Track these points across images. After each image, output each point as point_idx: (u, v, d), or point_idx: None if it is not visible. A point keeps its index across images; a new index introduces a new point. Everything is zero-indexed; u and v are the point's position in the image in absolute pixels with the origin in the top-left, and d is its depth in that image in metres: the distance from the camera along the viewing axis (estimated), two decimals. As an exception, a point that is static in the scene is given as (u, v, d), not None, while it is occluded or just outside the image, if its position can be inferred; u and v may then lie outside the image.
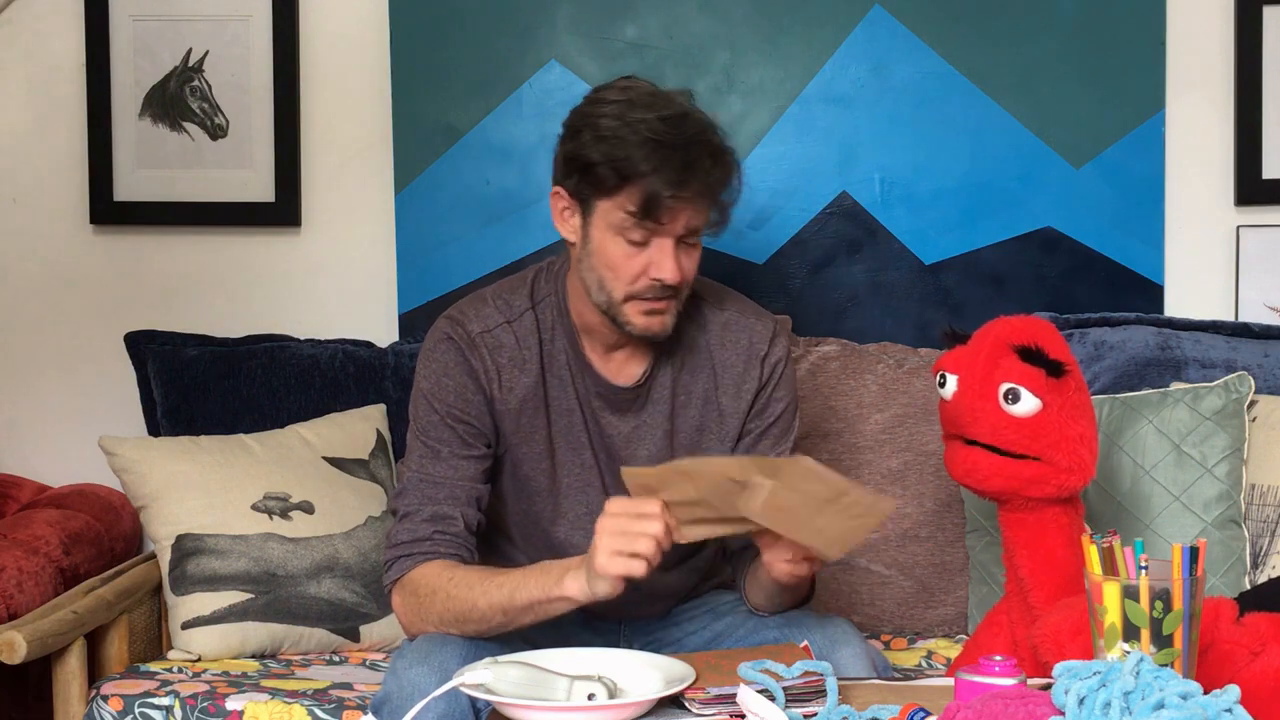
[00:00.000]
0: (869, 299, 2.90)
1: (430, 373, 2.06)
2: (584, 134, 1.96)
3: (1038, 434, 1.97)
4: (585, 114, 1.98)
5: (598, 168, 1.93)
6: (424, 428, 2.05)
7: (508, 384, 2.05)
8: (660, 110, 1.94)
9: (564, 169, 2.00)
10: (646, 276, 1.96)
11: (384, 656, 2.56)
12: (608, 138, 1.92)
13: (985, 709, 1.43)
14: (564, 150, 2.00)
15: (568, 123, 2.01)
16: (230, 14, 2.92)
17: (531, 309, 2.08)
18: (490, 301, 2.10)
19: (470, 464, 2.04)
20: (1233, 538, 2.49)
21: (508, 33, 2.90)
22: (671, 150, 1.90)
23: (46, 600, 2.42)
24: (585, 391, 2.08)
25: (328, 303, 2.97)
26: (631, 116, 1.93)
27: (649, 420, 2.09)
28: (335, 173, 2.96)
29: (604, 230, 1.96)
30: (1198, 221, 2.89)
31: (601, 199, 1.95)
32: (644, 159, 1.90)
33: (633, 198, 1.92)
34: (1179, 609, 1.55)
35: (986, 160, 2.87)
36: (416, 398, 2.07)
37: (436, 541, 1.99)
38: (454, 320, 2.08)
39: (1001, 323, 2.03)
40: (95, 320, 2.98)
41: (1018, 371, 1.96)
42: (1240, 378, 2.57)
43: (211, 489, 2.54)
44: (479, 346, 2.05)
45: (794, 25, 2.88)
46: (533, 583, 1.88)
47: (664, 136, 1.91)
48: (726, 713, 1.63)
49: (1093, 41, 2.85)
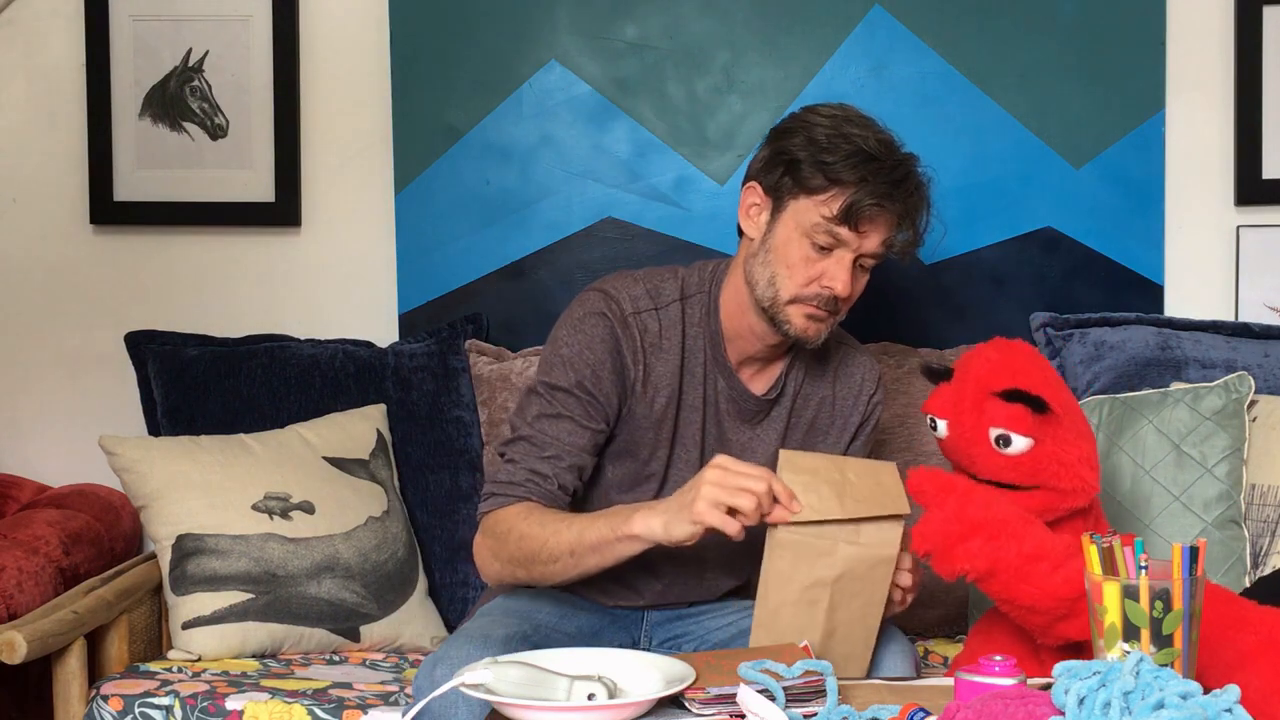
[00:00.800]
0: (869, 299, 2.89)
1: (575, 341, 2.09)
2: (798, 136, 2.03)
3: (1036, 469, 1.96)
4: (801, 119, 2.06)
5: (804, 166, 2.01)
6: (552, 388, 2.09)
7: (650, 367, 2.10)
8: (875, 132, 2.03)
9: (767, 165, 2.07)
10: (818, 284, 2.03)
11: (384, 656, 2.57)
12: (820, 142, 2.01)
13: (985, 709, 1.43)
14: (771, 148, 2.07)
15: (780, 126, 2.09)
16: (230, 14, 2.93)
17: (679, 301, 2.14)
18: (640, 283, 2.14)
19: (585, 435, 2.09)
20: (1233, 538, 2.49)
21: (508, 33, 2.90)
22: (881, 165, 2.00)
23: (46, 600, 2.42)
24: (714, 394, 2.14)
25: (328, 303, 2.97)
26: (847, 129, 2.02)
27: (762, 436, 2.17)
28: (335, 173, 2.96)
29: (791, 229, 2.03)
30: (1198, 221, 2.89)
31: (800, 197, 2.02)
32: (854, 167, 1.99)
33: (835, 202, 1.99)
34: (1179, 609, 1.55)
35: (986, 160, 2.87)
36: (553, 359, 2.10)
37: (529, 489, 2.06)
38: (610, 296, 2.12)
39: (978, 358, 2.00)
40: (95, 320, 2.98)
41: (1004, 415, 1.95)
42: (1240, 378, 2.57)
43: (212, 489, 2.54)
44: (630, 325, 2.10)
45: (794, 25, 2.89)
46: (601, 522, 1.94)
47: (877, 152, 2.01)
48: (726, 713, 1.63)
49: (1093, 41, 2.85)
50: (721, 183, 2.89)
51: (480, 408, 2.78)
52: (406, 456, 2.76)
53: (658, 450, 2.13)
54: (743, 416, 2.16)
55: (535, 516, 2.01)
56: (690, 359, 2.13)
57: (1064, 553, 1.84)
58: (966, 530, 1.85)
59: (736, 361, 2.15)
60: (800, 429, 2.19)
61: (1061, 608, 1.84)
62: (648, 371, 2.10)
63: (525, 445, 2.08)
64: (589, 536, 1.94)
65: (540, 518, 2.01)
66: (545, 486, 2.06)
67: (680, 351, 2.12)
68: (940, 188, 2.85)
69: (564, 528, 1.97)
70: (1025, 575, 1.84)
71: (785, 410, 2.18)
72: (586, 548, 1.94)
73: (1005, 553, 1.84)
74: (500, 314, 2.91)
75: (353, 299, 2.97)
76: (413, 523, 2.71)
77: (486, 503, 2.09)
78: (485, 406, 2.77)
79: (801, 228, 2.02)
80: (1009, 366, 1.98)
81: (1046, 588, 1.84)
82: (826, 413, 2.21)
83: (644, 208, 2.91)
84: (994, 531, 1.85)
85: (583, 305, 2.13)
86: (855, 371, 2.24)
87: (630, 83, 2.90)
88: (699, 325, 2.13)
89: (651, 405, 2.11)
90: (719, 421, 2.15)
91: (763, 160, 2.09)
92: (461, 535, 2.71)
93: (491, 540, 2.06)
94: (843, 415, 2.22)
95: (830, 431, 2.21)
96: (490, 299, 2.91)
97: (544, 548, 1.98)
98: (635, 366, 2.09)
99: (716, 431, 2.15)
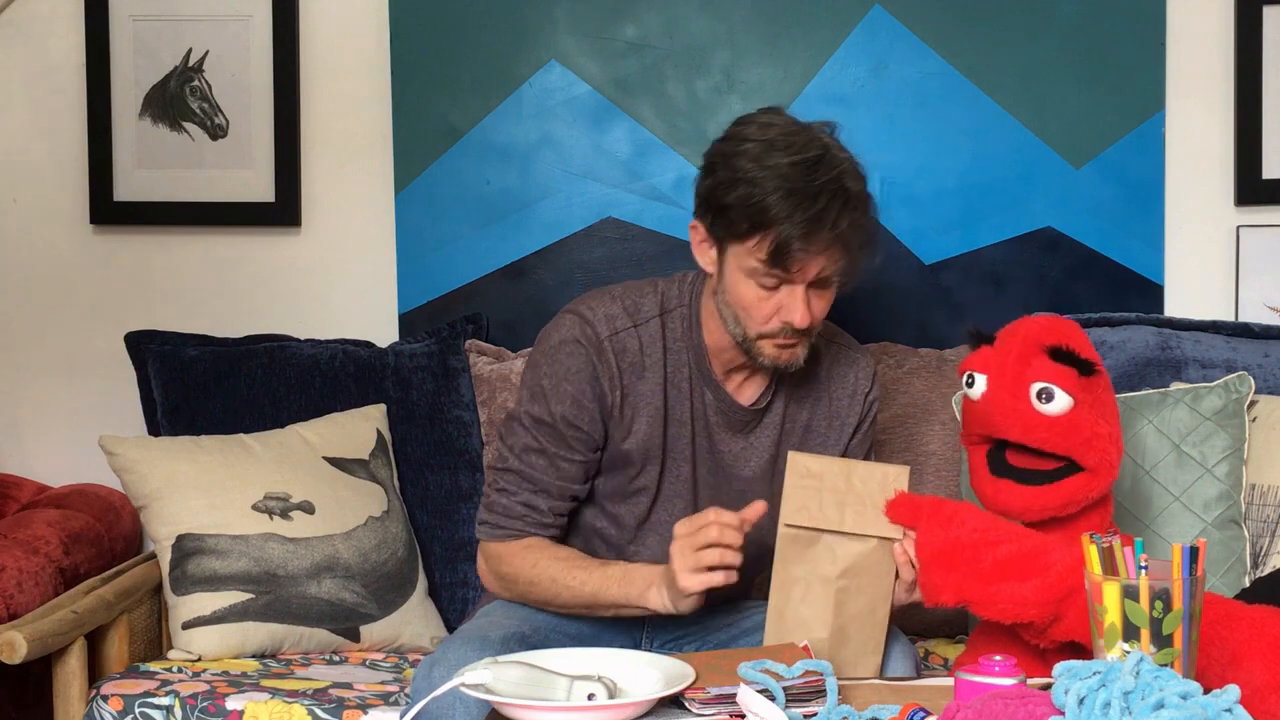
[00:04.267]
0: (869, 299, 2.90)
1: (552, 372, 2.08)
2: (719, 173, 1.98)
3: (1069, 433, 1.96)
4: (724, 152, 2.00)
5: (731, 211, 1.95)
6: (536, 421, 2.09)
7: (629, 388, 2.08)
8: (797, 154, 1.94)
9: (701, 206, 2.03)
10: (778, 319, 1.99)
11: (384, 656, 2.57)
12: (742, 180, 1.94)
13: (985, 709, 1.43)
14: (701, 187, 2.02)
15: (707, 158, 2.04)
16: (230, 14, 2.93)
17: (659, 317, 2.11)
18: (618, 302, 2.12)
19: (573, 466, 2.10)
20: (1233, 538, 2.49)
21: (508, 33, 2.90)
22: (802, 199, 1.91)
23: (46, 600, 2.42)
24: (702, 406, 2.12)
25: (328, 303, 2.97)
26: (768, 161, 1.94)
27: (756, 443, 2.15)
28: (335, 173, 2.96)
29: (736, 272, 1.99)
30: (1198, 221, 2.89)
31: (734, 242, 1.98)
32: (775, 206, 1.91)
33: (763, 246, 1.94)
34: (1179, 609, 1.55)
35: (986, 160, 2.87)
36: (534, 388, 2.10)
37: (526, 523, 2.11)
38: (585, 320, 2.09)
39: (1028, 322, 2.02)
40: (95, 320, 2.98)
41: (1050, 371, 1.95)
42: (1240, 378, 2.57)
43: (212, 489, 2.54)
44: (606, 350, 2.08)
45: (794, 25, 2.88)
46: (616, 588, 2.01)
47: (797, 184, 1.92)
48: (726, 713, 1.63)
49: (1093, 41, 2.85)
50: (721, 183, 2.89)
51: (480, 408, 2.78)
52: (406, 456, 2.76)
53: (647, 466, 2.12)
54: (733, 427, 2.14)
55: (542, 564, 2.07)
56: (674, 374, 2.10)
57: (1026, 561, 1.84)
58: (926, 559, 1.86)
59: (722, 372, 2.12)
60: (796, 433, 2.18)
61: (1043, 613, 1.84)
62: (626, 394, 2.08)
63: (516, 478, 2.10)
64: (604, 598, 2.03)
65: (548, 568, 2.07)
66: (542, 520, 2.11)
67: (663, 367, 2.09)
68: (940, 188, 2.89)
69: (576, 584, 2.04)
70: (992, 597, 1.85)
71: (778, 417, 2.16)
72: (602, 606, 2.05)
73: (966, 580, 1.85)
74: (500, 314, 2.92)
75: (353, 299, 2.97)
76: (413, 523, 2.71)
77: (484, 528, 2.14)
78: (485, 406, 2.77)
79: (744, 270, 1.98)
80: (1060, 329, 2.00)
81: (1018, 600, 1.83)
82: (823, 414, 2.19)
83: (644, 208, 2.90)
84: (949, 564, 1.85)
85: (558, 331, 2.11)
86: (850, 371, 2.21)
87: (630, 83, 2.90)
88: (681, 340, 2.11)
89: (630, 428, 2.09)
90: (709, 434, 2.13)
91: (699, 199, 2.03)
92: (461, 535, 2.71)
93: (495, 575, 2.15)
94: (839, 416, 2.20)
95: (828, 433, 2.19)
96: (490, 299, 2.91)
97: (556, 599, 2.07)
98: (613, 392, 2.08)
99: (708, 444, 2.13)
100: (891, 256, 2.88)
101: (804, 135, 1.98)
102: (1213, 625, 1.79)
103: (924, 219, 2.89)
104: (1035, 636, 1.89)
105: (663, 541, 2.07)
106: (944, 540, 1.86)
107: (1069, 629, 1.85)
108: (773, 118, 2.01)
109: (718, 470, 2.14)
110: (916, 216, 2.88)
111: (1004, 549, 1.86)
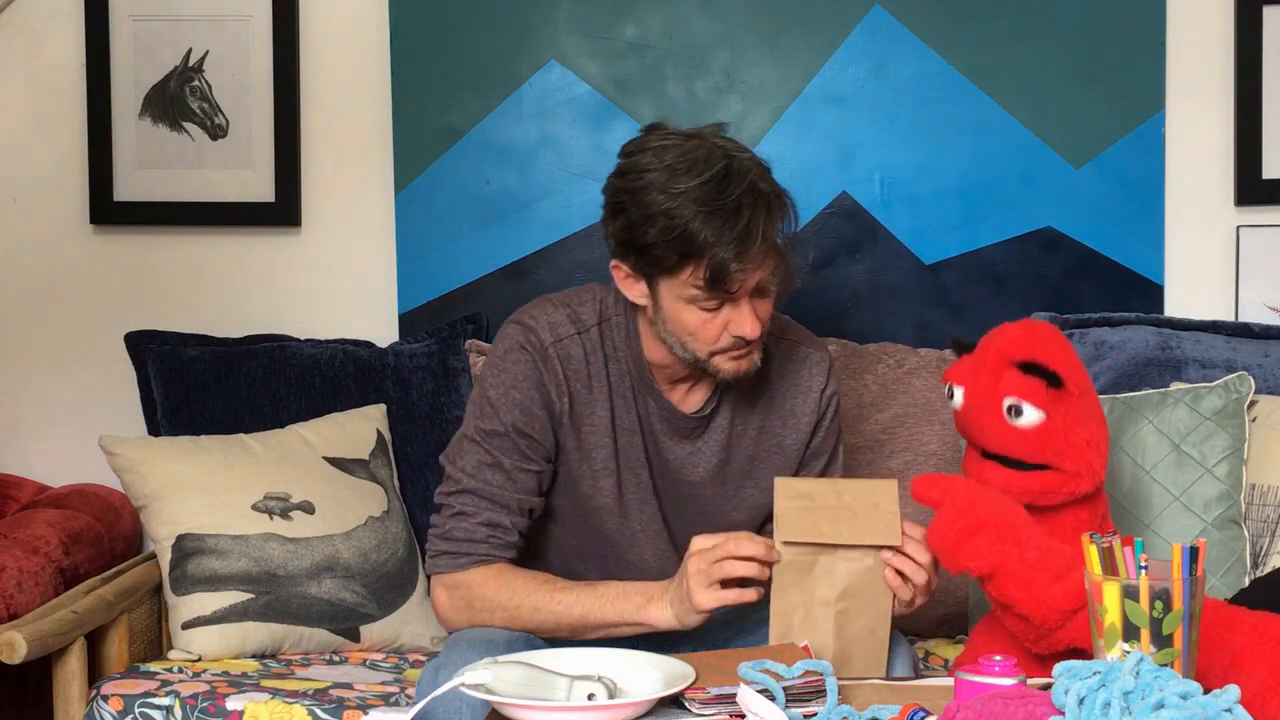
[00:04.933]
0: (869, 299, 2.90)
1: (499, 382, 2.05)
2: (631, 212, 1.92)
3: (1044, 444, 1.97)
4: (628, 189, 1.93)
5: (655, 248, 1.91)
6: (487, 434, 2.05)
7: (576, 396, 2.06)
8: (703, 172, 1.89)
9: (620, 249, 1.97)
10: (728, 334, 1.96)
11: (384, 656, 2.57)
12: (658, 215, 1.89)
13: (985, 709, 1.43)
14: (614, 228, 1.97)
15: (610, 200, 1.97)
16: (230, 14, 2.93)
17: (598, 325, 2.08)
18: (560, 309, 2.09)
19: (529, 477, 2.06)
20: (1233, 538, 2.49)
21: (508, 33, 2.90)
22: (725, 217, 1.87)
23: (46, 600, 2.42)
24: (647, 414, 2.09)
25: (328, 303, 2.97)
26: (676, 187, 1.89)
27: (703, 448, 2.12)
28: (335, 173, 2.96)
29: (674, 302, 1.95)
30: (1198, 221, 2.89)
31: (665, 276, 1.94)
32: (700, 232, 1.87)
33: (699, 273, 1.90)
34: (1179, 609, 1.55)
35: (986, 160, 2.87)
36: (482, 402, 2.06)
37: (491, 545, 2.04)
38: (526, 328, 2.07)
39: (1003, 333, 2.02)
40: (95, 320, 2.98)
41: (1019, 386, 1.95)
42: (1240, 378, 2.57)
43: (212, 489, 2.54)
44: (551, 357, 2.05)
45: (794, 25, 2.88)
46: (608, 606, 1.97)
47: (714, 204, 1.88)
48: (726, 713, 1.63)
49: (1093, 42, 2.85)
50: (721, 183, 2.89)
51: (480, 408, 2.77)
52: (406, 456, 2.76)
53: (602, 479, 2.08)
54: (679, 434, 2.10)
55: (520, 588, 2.01)
56: (617, 383, 2.07)
57: (1065, 564, 1.84)
58: (973, 526, 1.86)
59: (665, 383, 2.08)
60: (748, 437, 2.13)
61: (1056, 619, 1.84)
62: (574, 401, 2.05)
63: (473, 498, 2.04)
64: (594, 619, 1.98)
65: (526, 592, 2.01)
66: (506, 539, 2.05)
67: (606, 376, 2.07)
68: (940, 188, 2.89)
69: (562, 609, 1.98)
70: (1025, 582, 1.84)
71: (726, 421, 2.11)
72: (590, 627, 1.99)
73: (1008, 555, 1.85)
74: (500, 314, 2.88)
75: (353, 299, 2.96)
76: (413, 523, 2.71)
77: (443, 559, 2.05)
78: (485, 406, 2.77)
79: (683, 299, 1.93)
80: (1031, 340, 2.00)
81: (1045, 598, 1.84)
82: (777, 415, 2.14)
83: (644, 208, 2.90)
84: (1000, 534, 1.85)
85: (502, 341, 2.08)
86: (802, 368, 2.15)
87: (630, 83, 2.90)
88: (621, 349, 2.07)
89: (580, 434, 2.06)
90: (655, 440, 2.10)
91: (614, 241, 1.98)
92: (461, 535, 2.71)
93: (465, 607, 2.05)
94: (794, 415, 2.14)
95: (783, 433, 2.14)
96: (490, 299, 2.91)
97: (540, 626, 2.01)
98: (560, 399, 2.05)
99: (656, 450, 2.10)
100: (891, 256, 2.89)
101: (702, 148, 1.92)
102: (1214, 628, 1.79)
103: (924, 219, 2.89)
104: (1034, 642, 1.89)
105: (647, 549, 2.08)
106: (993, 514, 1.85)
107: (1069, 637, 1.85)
108: (663, 138, 1.95)
109: (665, 474, 2.11)
110: (916, 216, 2.88)
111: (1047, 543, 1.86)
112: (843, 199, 2.89)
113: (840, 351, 2.75)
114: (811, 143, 2.89)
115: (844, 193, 2.89)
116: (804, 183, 2.88)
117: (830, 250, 2.89)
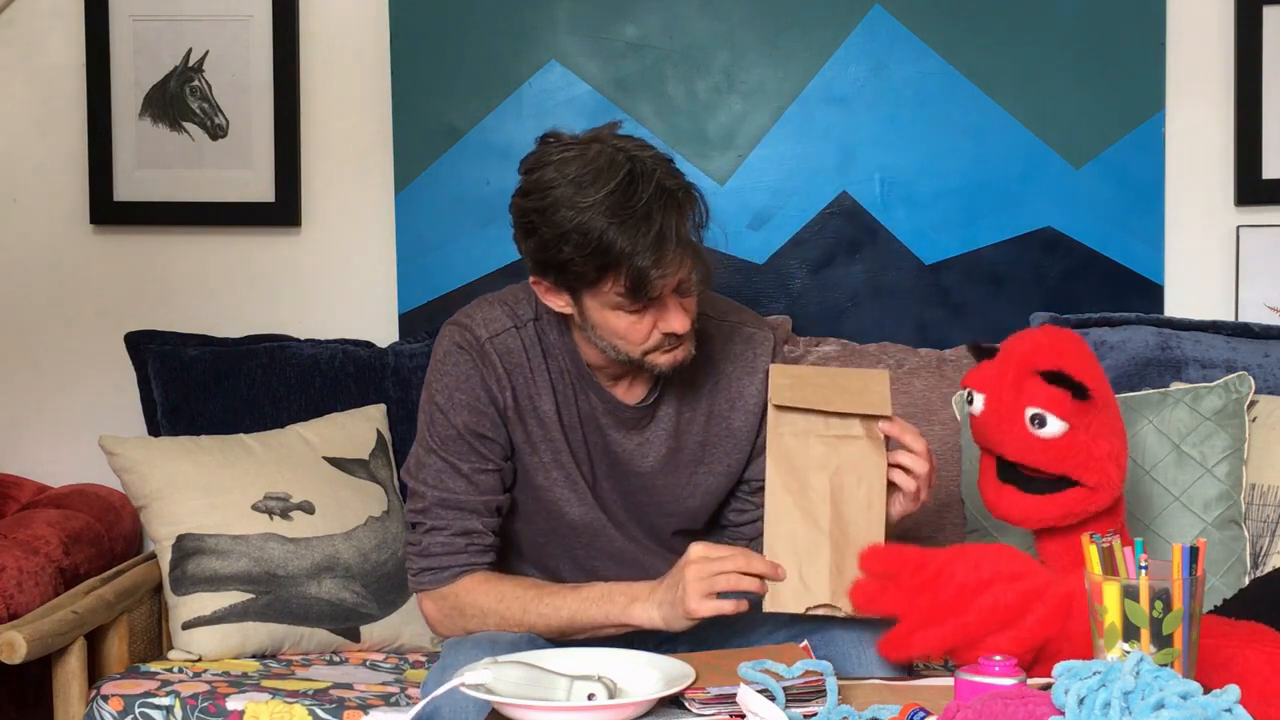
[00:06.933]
0: (869, 299, 2.90)
1: (443, 386, 2.05)
2: (543, 231, 1.90)
3: (1065, 455, 1.93)
4: (536, 209, 1.91)
5: (572, 265, 1.89)
6: (442, 441, 2.05)
7: (519, 390, 2.05)
8: (607, 181, 1.86)
9: (537, 267, 1.95)
10: (657, 333, 1.95)
11: (384, 657, 2.57)
12: (571, 232, 1.86)
13: (985, 709, 1.43)
14: (528, 248, 1.95)
15: (519, 220, 1.95)
16: (230, 14, 2.93)
17: (535, 321, 2.07)
18: (497, 305, 2.08)
19: (490, 477, 2.05)
20: (1233, 538, 2.49)
21: (508, 33, 2.90)
22: (638, 224, 1.85)
23: (46, 600, 2.42)
24: (590, 408, 2.08)
25: (328, 303, 2.97)
26: (584, 200, 1.86)
27: (652, 438, 2.10)
28: (335, 173, 2.96)
29: (600, 310, 1.94)
30: (1198, 221, 2.89)
31: (587, 289, 1.92)
32: (615, 243, 1.85)
33: (619, 283, 1.88)
34: (1179, 609, 1.55)
35: (986, 160, 2.87)
36: (430, 410, 2.06)
37: (471, 554, 2.04)
38: (461, 326, 2.06)
39: (1027, 339, 1.98)
40: (95, 320, 2.98)
41: (1043, 395, 1.92)
42: (1240, 378, 2.57)
43: (212, 489, 2.54)
44: (489, 352, 2.04)
45: (794, 25, 2.88)
46: (594, 609, 1.97)
47: (624, 212, 1.85)
48: (726, 713, 1.63)
49: (1093, 41, 2.85)
50: (721, 183, 2.89)
51: (480, 408, 2.77)
52: (406, 456, 2.75)
53: (553, 471, 2.07)
54: (625, 426, 2.09)
55: (508, 594, 2.02)
56: (558, 378, 2.06)
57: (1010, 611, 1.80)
58: (911, 620, 1.84)
59: (605, 379, 2.07)
60: (697, 423, 2.11)
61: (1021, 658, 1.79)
62: (517, 395, 2.04)
63: (440, 509, 2.04)
64: (581, 621, 1.98)
65: (515, 597, 2.01)
66: (483, 543, 2.05)
67: (547, 370, 2.06)
68: (940, 188, 2.89)
69: (549, 611, 1.99)
70: (972, 648, 1.80)
71: (672, 409, 2.10)
72: (577, 629, 1.99)
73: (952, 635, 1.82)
74: (500, 314, 2.91)
75: (353, 299, 2.97)
76: (413, 523, 2.71)
77: (426, 576, 2.05)
78: (485, 406, 2.77)
79: (608, 306, 1.92)
80: (1057, 349, 1.96)
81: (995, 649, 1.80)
82: (724, 399, 2.12)
83: (644, 208, 2.90)
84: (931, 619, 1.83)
85: (439, 345, 2.07)
86: (746, 349, 2.13)
87: (630, 83, 2.90)
88: (557, 344, 2.06)
89: (527, 428, 2.05)
90: (601, 433, 2.08)
91: (529, 260, 1.96)
92: (461, 535, 2.71)
93: (456, 615, 2.05)
94: (741, 396, 2.12)
95: (731, 415, 2.12)
96: (490, 299, 2.91)
97: (529, 629, 2.01)
98: (503, 394, 2.04)
99: (601, 443, 2.09)
100: (891, 256, 2.89)
101: (604, 154, 1.88)
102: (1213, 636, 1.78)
103: (924, 219, 2.89)
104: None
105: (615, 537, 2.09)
106: (929, 604, 1.83)
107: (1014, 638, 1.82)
108: (562, 150, 1.92)
109: (615, 466, 2.10)
110: (916, 216, 2.88)
111: (989, 597, 1.81)
112: (842, 199, 2.89)
113: (840, 351, 2.75)
114: (811, 143, 2.89)
115: (844, 193, 2.89)
116: (804, 182, 2.89)
117: (830, 250, 2.89)
